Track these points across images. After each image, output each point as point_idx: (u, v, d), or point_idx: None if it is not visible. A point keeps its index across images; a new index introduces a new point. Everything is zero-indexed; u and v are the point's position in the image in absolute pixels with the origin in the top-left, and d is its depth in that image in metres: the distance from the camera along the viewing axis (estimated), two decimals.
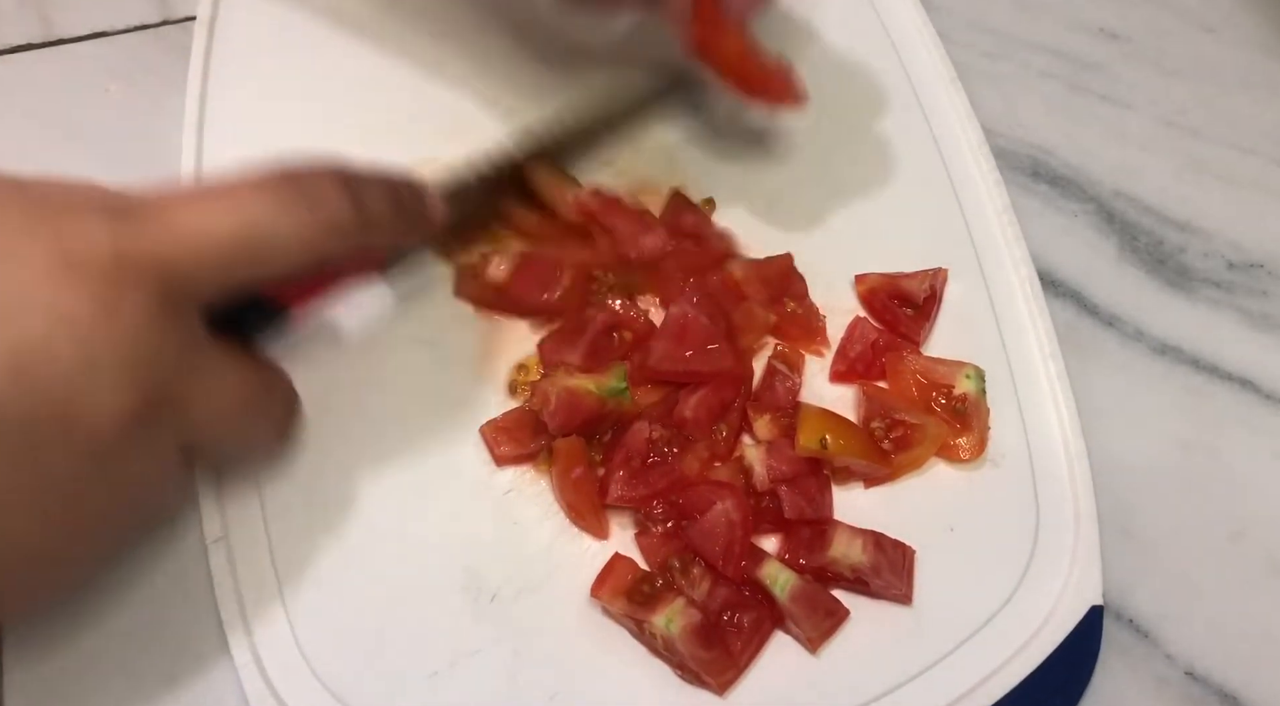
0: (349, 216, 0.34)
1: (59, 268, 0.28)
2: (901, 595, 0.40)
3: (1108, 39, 0.59)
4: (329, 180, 0.34)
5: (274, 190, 0.33)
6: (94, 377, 0.28)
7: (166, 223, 0.30)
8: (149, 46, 0.52)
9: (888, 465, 0.42)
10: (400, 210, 0.37)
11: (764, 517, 0.41)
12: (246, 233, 0.31)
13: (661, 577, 0.40)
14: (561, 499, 0.41)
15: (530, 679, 0.38)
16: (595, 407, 0.41)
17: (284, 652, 0.38)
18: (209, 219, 0.31)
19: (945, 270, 0.47)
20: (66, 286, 0.28)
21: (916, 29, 0.55)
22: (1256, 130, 0.56)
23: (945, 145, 0.51)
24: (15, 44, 0.51)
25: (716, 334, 0.43)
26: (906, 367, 0.45)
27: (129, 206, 0.30)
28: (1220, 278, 0.52)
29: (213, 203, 0.32)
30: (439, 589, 0.40)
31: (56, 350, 0.27)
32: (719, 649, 0.38)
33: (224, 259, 0.31)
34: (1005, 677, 0.39)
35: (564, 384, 0.41)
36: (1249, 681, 0.42)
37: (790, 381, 0.44)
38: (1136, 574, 0.43)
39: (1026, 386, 0.45)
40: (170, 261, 0.30)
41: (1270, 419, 0.48)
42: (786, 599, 0.39)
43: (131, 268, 0.29)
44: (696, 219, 0.47)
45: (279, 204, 0.32)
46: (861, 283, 0.47)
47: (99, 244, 0.29)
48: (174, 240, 0.30)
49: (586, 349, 0.43)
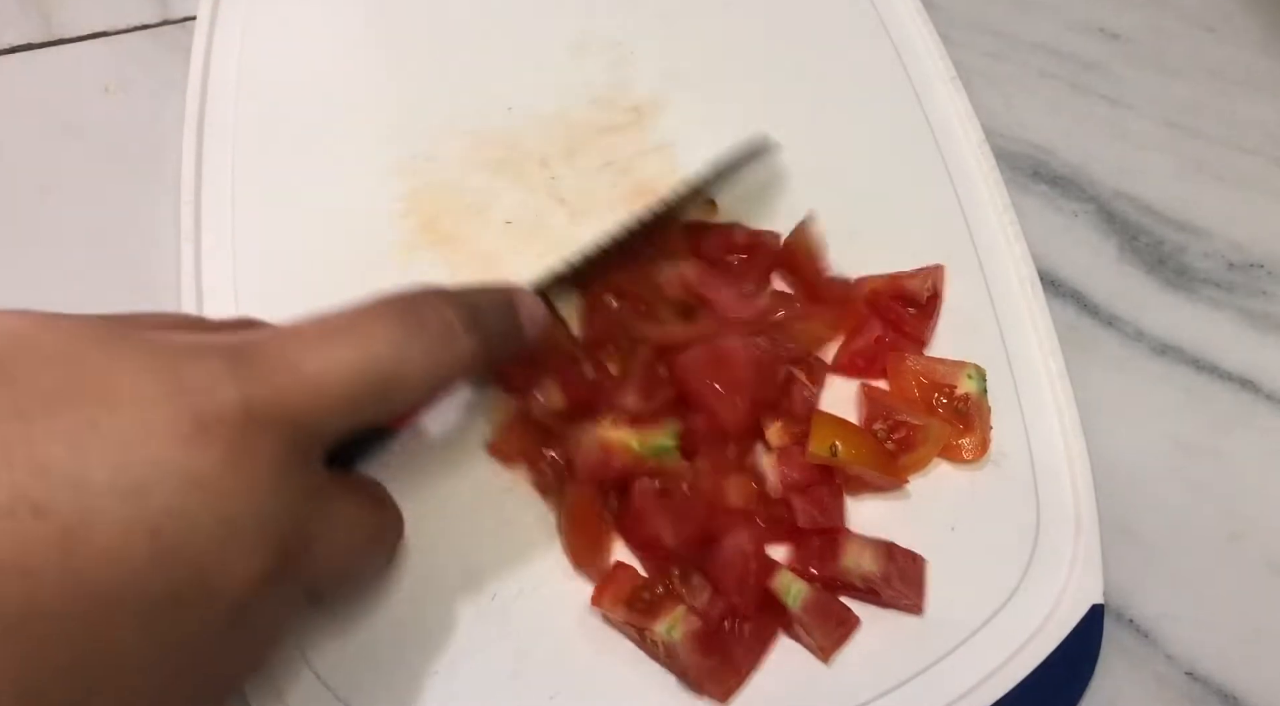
0: (474, 346, 0.33)
1: (188, 426, 0.26)
2: (912, 605, 0.40)
3: (1108, 39, 0.59)
4: (448, 308, 0.32)
5: (398, 323, 0.31)
6: (231, 542, 0.26)
7: (291, 367, 0.28)
8: (149, 46, 0.52)
9: (896, 473, 0.42)
10: (515, 326, 0.36)
11: (776, 526, 0.41)
12: (375, 371, 0.30)
13: (662, 585, 0.39)
14: (567, 544, 0.40)
15: (531, 679, 0.38)
16: (630, 465, 0.40)
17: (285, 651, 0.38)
18: (335, 360, 0.29)
19: (943, 267, 0.47)
20: (197, 447, 0.26)
21: (916, 29, 0.55)
22: (1256, 130, 0.56)
23: (945, 144, 0.51)
24: (15, 44, 0.51)
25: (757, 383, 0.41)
26: (908, 368, 0.45)
27: (249, 350, 0.28)
28: (1220, 278, 0.52)
29: (337, 341, 0.30)
30: (439, 588, 0.40)
31: (193, 518, 0.25)
32: (720, 656, 0.38)
33: (353, 401, 0.30)
34: (1006, 676, 0.39)
35: (600, 436, 0.40)
36: (1249, 681, 0.42)
37: (808, 391, 0.43)
38: (1136, 574, 0.43)
39: (1027, 385, 0.45)
40: (299, 410, 0.28)
41: (1270, 419, 0.48)
42: (799, 609, 0.38)
43: (262, 420, 0.27)
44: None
45: (405, 338, 0.31)
46: (863, 285, 0.47)
47: (227, 399, 0.27)
48: (301, 387, 0.28)
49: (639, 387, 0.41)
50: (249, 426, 0.27)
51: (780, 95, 0.53)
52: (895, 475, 0.42)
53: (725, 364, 0.41)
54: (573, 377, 0.41)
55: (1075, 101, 0.57)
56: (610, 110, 0.52)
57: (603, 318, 0.44)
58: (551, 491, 0.41)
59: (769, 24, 0.55)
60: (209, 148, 0.47)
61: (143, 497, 0.25)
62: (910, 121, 0.52)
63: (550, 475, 0.41)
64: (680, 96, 0.51)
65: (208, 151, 0.47)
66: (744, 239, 0.47)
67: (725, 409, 0.40)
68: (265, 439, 0.27)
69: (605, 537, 0.41)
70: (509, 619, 0.39)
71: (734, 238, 0.47)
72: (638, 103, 0.52)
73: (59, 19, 0.52)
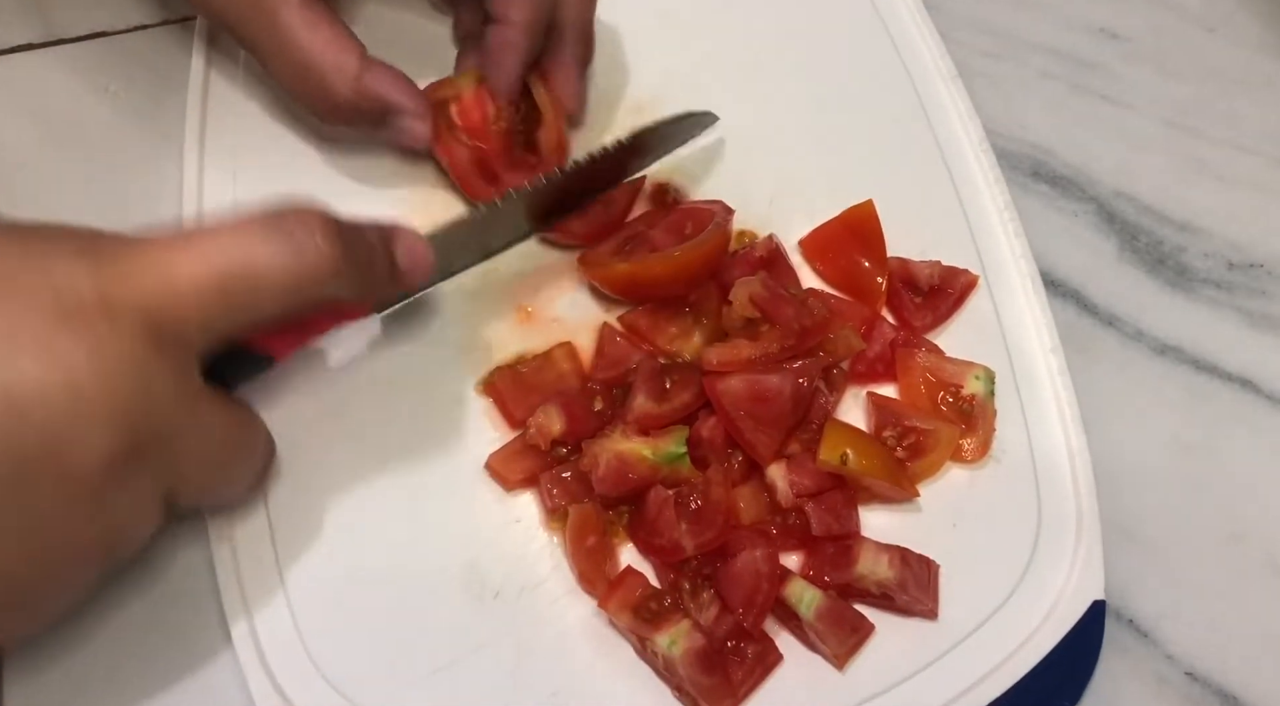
0: (337, 258, 0.33)
1: (50, 309, 0.28)
2: (927, 610, 0.40)
3: (1108, 39, 0.59)
4: (316, 221, 0.33)
5: (260, 232, 0.32)
6: (84, 419, 0.28)
7: (150, 266, 0.30)
8: (149, 46, 0.52)
9: (907, 482, 0.42)
10: (388, 254, 0.37)
11: (789, 535, 0.41)
12: (233, 274, 0.31)
13: (670, 596, 0.39)
14: (573, 563, 0.40)
15: (532, 675, 0.39)
16: (647, 475, 0.40)
17: (288, 650, 0.38)
18: (193, 261, 0.31)
19: (977, 277, 0.48)
20: (58, 328, 0.28)
21: (917, 28, 0.55)
22: (1256, 130, 0.56)
23: (946, 143, 0.51)
24: (15, 44, 0.51)
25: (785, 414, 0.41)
26: (917, 364, 0.45)
27: (111, 249, 0.30)
28: (1220, 278, 0.52)
29: (196, 245, 0.31)
30: (442, 586, 0.40)
31: (49, 391, 0.28)
32: (719, 676, 0.38)
33: (211, 302, 0.31)
34: (1009, 672, 0.39)
35: (616, 449, 0.40)
36: (1249, 681, 0.42)
37: (826, 398, 0.43)
38: (1136, 574, 0.43)
39: (1028, 382, 0.46)
40: (157, 305, 0.30)
41: (1270, 419, 0.48)
42: (813, 617, 0.38)
43: (119, 311, 0.29)
44: None
45: (265, 239, 0.32)
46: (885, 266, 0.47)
47: (85, 287, 0.29)
48: (158, 283, 0.30)
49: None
50: (108, 314, 0.29)
51: (781, 95, 0.53)
52: (907, 487, 0.42)
53: (766, 399, 0.40)
54: (578, 408, 0.42)
55: (1075, 101, 0.57)
56: (612, 108, 0.52)
57: (616, 347, 0.44)
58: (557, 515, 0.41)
59: (770, 24, 0.55)
60: (210, 148, 0.47)
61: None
62: (911, 121, 0.52)
63: (551, 502, 0.41)
64: (681, 96, 0.51)
65: (209, 152, 0.47)
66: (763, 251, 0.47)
67: (762, 443, 0.41)
68: (123, 326, 0.29)
69: (611, 556, 0.41)
70: (511, 616, 0.39)
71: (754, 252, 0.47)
72: (639, 101, 0.52)
73: (59, 19, 0.52)
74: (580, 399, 0.42)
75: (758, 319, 0.42)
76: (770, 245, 0.47)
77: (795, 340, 0.41)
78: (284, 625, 0.38)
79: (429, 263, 0.39)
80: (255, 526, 0.40)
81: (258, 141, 0.48)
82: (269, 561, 0.39)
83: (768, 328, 0.41)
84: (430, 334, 0.45)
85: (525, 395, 0.43)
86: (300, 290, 0.33)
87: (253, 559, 0.39)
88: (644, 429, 0.41)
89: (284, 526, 0.40)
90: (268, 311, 0.33)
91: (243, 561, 0.39)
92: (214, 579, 0.39)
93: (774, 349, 0.41)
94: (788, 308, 0.41)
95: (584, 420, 0.42)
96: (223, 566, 0.39)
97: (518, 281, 0.46)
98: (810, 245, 0.48)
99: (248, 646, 0.38)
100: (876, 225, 0.47)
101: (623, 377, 0.43)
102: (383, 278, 0.37)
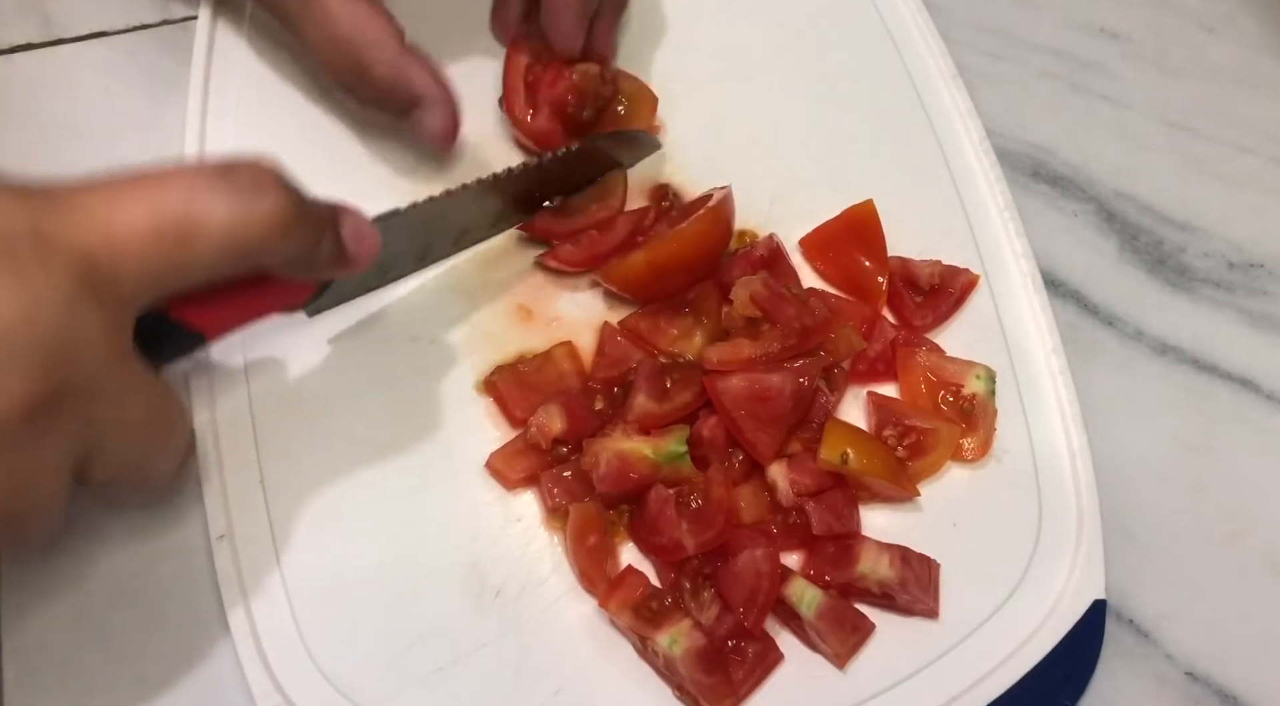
0: (285, 216, 0.32)
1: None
2: (928, 610, 0.40)
3: (1108, 39, 0.59)
4: (267, 177, 0.32)
5: (207, 180, 0.30)
6: (5, 357, 0.27)
7: (88, 207, 0.29)
8: (149, 46, 0.52)
9: (908, 481, 0.42)
10: (334, 232, 0.35)
11: (789, 534, 0.41)
12: (174, 220, 0.29)
13: (671, 596, 0.39)
14: (574, 562, 0.40)
15: (533, 674, 0.39)
16: (648, 475, 0.40)
17: (288, 649, 0.38)
18: (134, 205, 0.29)
19: (978, 277, 0.48)
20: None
21: (917, 28, 0.55)
22: (1256, 130, 0.56)
23: (946, 143, 0.52)
24: (15, 44, 0.51)
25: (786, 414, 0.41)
26: (918, 363, 0.45)
27: (50, 191, 0.29)
28: (1220, 277, 0.52)
29: (139, 189, 0.30)
30: (443, 585, 0.40)
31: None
32: (720, 675, 0.38)
33: (149, 250, 0.29)
34: (1010, 671, 0.39)
35: (616, 448, 0.40)
36: (1249, 681, 0.42)
37: (826, 398, 0.43)
38: (1136, 574, 0.43)
39: (1029, 381, 0.46)
40: (92, 245, 0.28)
41: (1270, 419, 0.48)
42: (813, 617, 0.38)
43: (52, 248, 0.28)
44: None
45: (211, 194, 0.30)
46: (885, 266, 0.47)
47: (19, 223, 0.27)
48: (96, 224, 0.29)
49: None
50: (39, 251, 0.27)
51: (781, 95, 0.53)
52: (907, 486, 0.42)
53: (767, 398, 0.40)
54: (579, 407, 0.42)
55: (1075, 101, 0.57)
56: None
57: (617, 347, 0.44)
58: (558, 514, 0.41)
59: (770, 24, 0.55)
60: (210, 149, 0.47)
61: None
62: (911, 120, 0.52)
63: (552, 501, 0.41)
64: (681, 96, 0.51)
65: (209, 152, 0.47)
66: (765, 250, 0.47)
67: (763, 443, 0.41)
68: (55, 264, 0.28)
69: (612, 555, 0.41)
70: (512, 614, 0.39)
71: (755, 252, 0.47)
72: None
73: (59, 19, 0.52)
74: (581, 398, 0.42)
75: (758, 318, 0.42)
76: (771, 245, 0.47)
77: (796, 339, 0.41)
78: (284, 624, 0.38)
79: (375, 247, 0.37)
80: (255, 525, 0.40)
81: (257, 142, 0.48)
82: (269, 560, 0.39)
83: (768, 327, 0.41)
84: (430, 333, 0.45)
85: (526, 394, 0.43)
86: (242, 246, 0.31)
87: (253, 557, 0.39)
88: (645, 428, 0.41)
89: (284, 525, 0.40)
90: (207, 264, 0.31)
91: (243, 559, 0.39)
92: (214, 577, 0.38)
93: (775, 348, 0.41)
94: (788, 307, 0.42)
95: (585, 419, 0.42)
96: (222, 565, 0.39)
97: (518, 280, 0.46)
98: (811, 245, 0.48)
99: (248, 645, 0.38)
100: (877, 225, 0.47)
101: (623, 377, 0.43)
102: (328, 253, 0.35)
